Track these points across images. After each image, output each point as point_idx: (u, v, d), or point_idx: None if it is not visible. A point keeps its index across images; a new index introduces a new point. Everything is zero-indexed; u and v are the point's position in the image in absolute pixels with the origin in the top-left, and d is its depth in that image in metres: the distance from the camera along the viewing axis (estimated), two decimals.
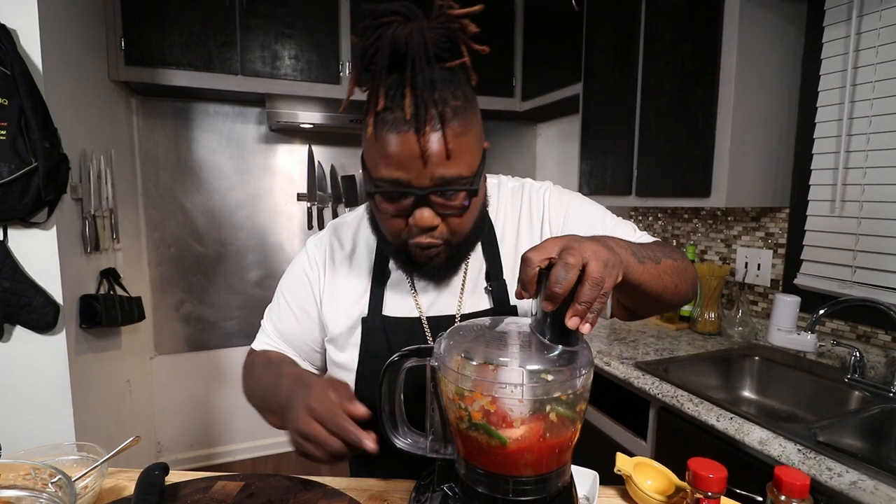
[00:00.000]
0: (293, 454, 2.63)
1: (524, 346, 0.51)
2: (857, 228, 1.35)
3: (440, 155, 0.59)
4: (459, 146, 0.61)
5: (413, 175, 0.60)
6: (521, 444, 0.48)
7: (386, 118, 0.59)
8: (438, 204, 0.63)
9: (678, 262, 0.68)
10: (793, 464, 0.93)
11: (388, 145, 0.60)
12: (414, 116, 0.58)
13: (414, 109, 0.58)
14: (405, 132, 0.58)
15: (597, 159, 2.00)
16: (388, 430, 0.58)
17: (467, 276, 0.77)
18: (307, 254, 0.82)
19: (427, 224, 0.63)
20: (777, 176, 1.53)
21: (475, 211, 0.68)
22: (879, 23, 1.29)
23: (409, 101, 0.57)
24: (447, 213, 0.64)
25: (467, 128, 0.62)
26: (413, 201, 0.62)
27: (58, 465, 0.63)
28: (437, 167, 0.60)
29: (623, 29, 1.82)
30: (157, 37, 1.99)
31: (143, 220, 2.33)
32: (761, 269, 1.64)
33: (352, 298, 0.77)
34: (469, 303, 0.76)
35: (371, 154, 0.63)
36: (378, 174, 0.62)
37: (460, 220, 0.66)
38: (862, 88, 1.34)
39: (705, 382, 1.44)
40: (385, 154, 0.60)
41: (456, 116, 0.60)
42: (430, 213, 0.63)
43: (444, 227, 0.65)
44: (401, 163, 0.60)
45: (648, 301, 0.65)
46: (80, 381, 1.55)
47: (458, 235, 0.67)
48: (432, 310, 0.76)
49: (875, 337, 1.34)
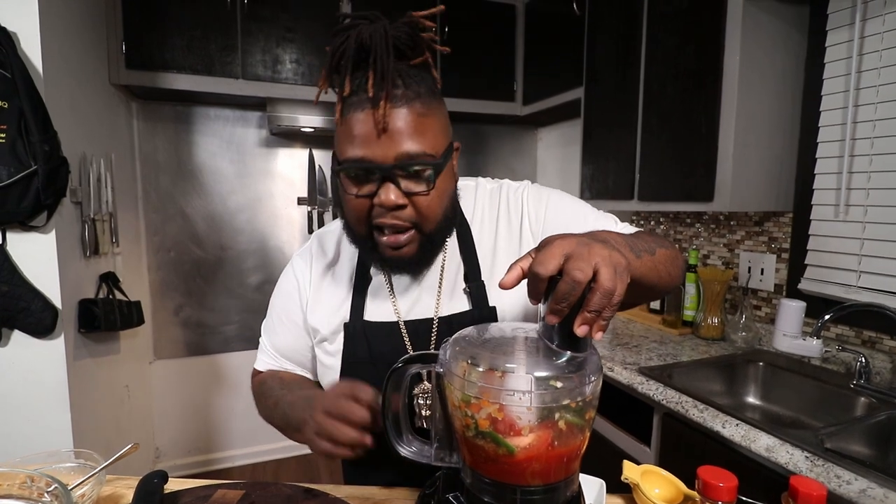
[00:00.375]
0: (292, 460, 2.62)
1: (531, 352, 0.50)
2: (861, 233, 1.35)
3: (402, 131, 0.62)
4: (421, 125, 0.63)
5: (377, 152, 0.62)
6: (529, 452, 0.47)
7: (351, 101, 0.63)
8: (403, 183, 0.64)
9: (669, 249, 0.68)
10: (801, 471, 0.92)
11: (353, 125, 0.62)
12: (375, 93, 0.61)
13: (375, 89, 0.61)
14: (367, 109, 0.62)
15: (598, 163, 2.00)
16: (392, 437, 0.56)
17: (444, 277, 0.76)
18: (292, 266, 0.83)
19: (391, 203, 0.63)
20: (780, 180, 1.52)
21: (443, 196, 0.68)
22: (883, 27, 1.29)
23: (371, 81, 0.61)
24: (413, 193, 0.64)
25: (430, 112, 0.64)
26: (377, 181, 0.63)
27: (55, 472, 0.61)
28: (399, 143, 0.62)
29: (624, 32, 1.82)
30: (158, 40, 1.99)
31: (143, 224, 2.32)
32: (765, 273, 1.63)
33: (334, 304, 0.78)
34: (447, 305, 0.76)
35: (338, 140, 0.66)
36: (344, 156, 0.64)
37: (428, 202, 0.66)
38: (866, 92, 1.33)
39: (709, 388, 1.42)
40: (350, 134, 0.63)
41: (418, 99, 0.63)
42: (395, 191, 0.63)
43: (412, 210, 0.65)
44: (364, 140, 0.62)
45: (643, 292, 0.65)
46: (79, 386, 1.53)
47: (428, 220, 0.67)
48: (411, 314, 0.76)
49: (880, 342, 1.33)
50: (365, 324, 0.75)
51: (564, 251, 0.46)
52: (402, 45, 0.64)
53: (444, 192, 0.68)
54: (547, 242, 0.48)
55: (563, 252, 0.46)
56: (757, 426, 1.04)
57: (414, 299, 0.76)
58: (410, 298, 0.77)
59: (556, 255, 0.46)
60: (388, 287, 0.77)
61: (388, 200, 0.63)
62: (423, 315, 0.76)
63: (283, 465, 2.59)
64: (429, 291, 0.76)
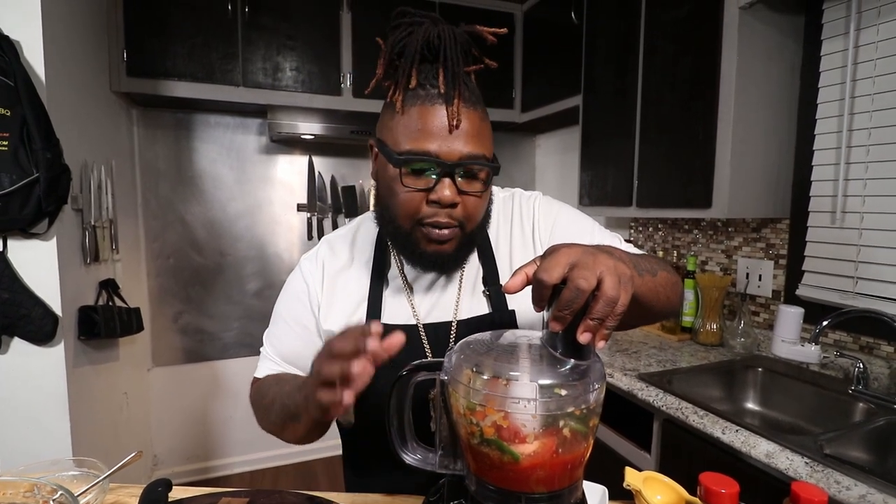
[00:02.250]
0: (291, 467, 2.60)
1: (535, 360, 0.50)
2: (858, 240, 1.36)
3: (469, 130, 0.64)
4: (483, 129, 0.67)
5: (442, 149, 0.64)
6: (533, 459, 0.48)
7: (417, 93, 0.64)
8: (460, 182, 0.65)
9: (671, 274, 0.69)
10: (801, 477, 0.92)
11: (419, 118, 0.64)
12: (447, 89, 0.63)
13: (447, 87, 0.63)
14: (437, 103, 0.63)
15: (597, 170, 2.01)
16: (397, 445, 0.57)
17: (463, 281, 0.77)
18: (301, 270, 0.81)
19: (448, 200, 0.64)
20: (777, 187, 1.54)
21: (486, 199, 0.70)
22: (877, 36, 1.31)
23: (442, 78, 0.63)
24: (466, 193, 0.66)
25: (486, 119, 0.68)
26: (437, 177, 0.64)
27: (57, 481, 0.62)
28: (464, 143, 0.64)
29: (622, 41, 1.84)
30: (159, 48, 2.00)
31: (143, 231, 2.32)
32: (762, 279, 1.64)
33: (350, 307, 0.77)
34: (466, 308, 0.76)
35: (396, 131, 0.66)
36: (405, 147, 0.65)
37: (476, 203, 0.68)
38: (861, 101, 1.35)
39: (708, 394, 1.43)
40: (414, 127, 0.64)
41: (479, 104, 0.67)
42: (452, 188, 0.65)
43: (461, 209, 0.67)
44: (431, 134, 0.63)
45: (642, 312, 0.65)
46: (78, 394, 1.53)
47: (472, 221, 0.69)
48: (429, 317, 0.76)
49: (878, 348, 1.34)
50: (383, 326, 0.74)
51: (570, 259, 0.47)
52: (465, 52, 0.67)
53: (487, 197, 0.71)
54: (553, 250, 0.48)
55: (569, 260, 0.47)
56: (756, 432, 1.04)
57: (433, 302, 0.76)
58: (429, 301, 0.76)
59: (561, 263, 0.46)
60: (406, 290, 0.77)
61: (445, 197, 0.64)
62: (442, 318, 0.76)
63: (282, 473, 2.57)
64: (448, 295, 0.76)
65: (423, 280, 0.77)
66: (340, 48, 2.26)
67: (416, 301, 0.76)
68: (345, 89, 2.28)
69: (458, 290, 0.77)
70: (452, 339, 0.74)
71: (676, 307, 0.71)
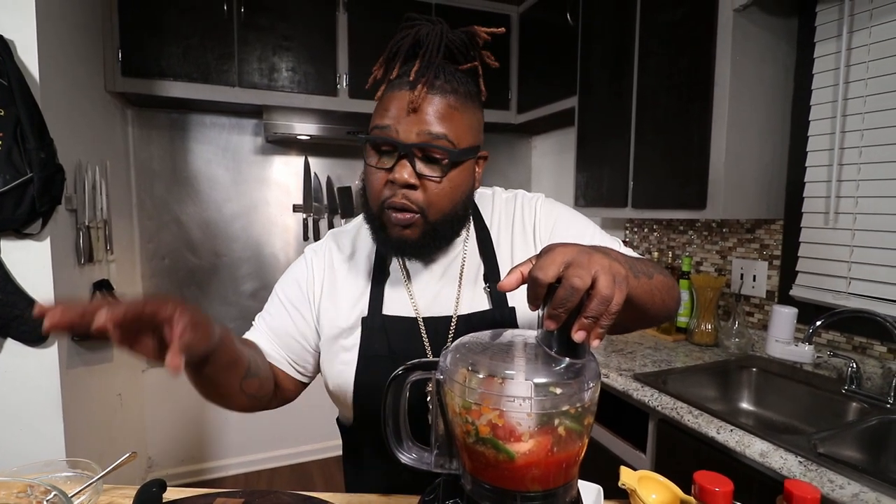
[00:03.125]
0: (286, 468, 2.60)
1: (531, 359, 0.51)
2: (851, 240, 1.37)
3: (429, 114, 0.66)
4: (449, 115, 0.67)
5: (401, 128, 0.66)
6: (528, 458, 0.48)
7: (394, 83, 0.69)
8: (419, 165, 0.67)
9: (666, 278, 0.69)
10: (794, 476, 0.93)
11: (387, 101, 0.68)
12: (416, 77, 0.67)
13: (417, 74, 0.67)
14: (404, 90, 0.67)
15: (592, 171, 2.02)
16: (393, 444, 0.57)
17: (464, 276, 0.78)
18: (305, 259, 0.83)
19: (402, 180, 0.66)
20: (771, 188, 1.55)
21: (456, 191, 0.70)
22: (869, 39, 1.32)
23: (416, 67, 0.67)
24: (426, 176, 0.67)
25: (462, 108, 0.69)
26: (396, 157, 0.67)
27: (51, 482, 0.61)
28: (423, 125, 0.66)
29: (618, 43, 1.85)
30: (154, 48, 1.99)
31: (138, 232, 2.31)
32: (757, 280, 1.65)
33: (351, 299, 0.78)
34: (466, 304, 0.77)
35: (374, 113, 0.70)
36: (372, 125, 0.69)
37: (438, 190, 0.68)
38: (853, 102, 1.36)
39: (703, 394, 1.44)
40: (382, 108, 0.68)
41: (454, 94, 0.68)
42: (408, 170, 0.66)
43: (421, 194, 0.68)
44: (393, 115, 0.67)
45: (636, 315, 0.65)
46: (72, 395, 1.52)
47: (434, 209, 0.69)
48: (429, 311, 0.76)
49: (871, 348, 1.35)
50: (384, 318, 0.75)
51: (565, 258, 0.47)
52: (454, 48, 0.70)
53: (458, 188, 0.70)
54: (548, 249, 0.49)
55: (564, 259, 0.47)
56: (751, 431, 1.05)
57: (433, 296, 0.77)
58: (429, 295, 0.77)
59: (556, 262, 0.47)
60: (406, 283, 0.78)
61: (400, 177, 0.66)
62: (442, 312, 0.76)
63: (277, 474, 2.57)
64: (448, 289, 0.77)
65: (424, 274, 0.78)
66: (337, 49, 2.26)
67: (416, 294, 0.77)
68: (341, 90, 2.28)
69: (458, 285, 0.77)
70: (452, 334, 0.74)
71: (672, 311, 0.71)
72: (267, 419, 2.52)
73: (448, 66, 0.70)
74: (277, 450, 2.62)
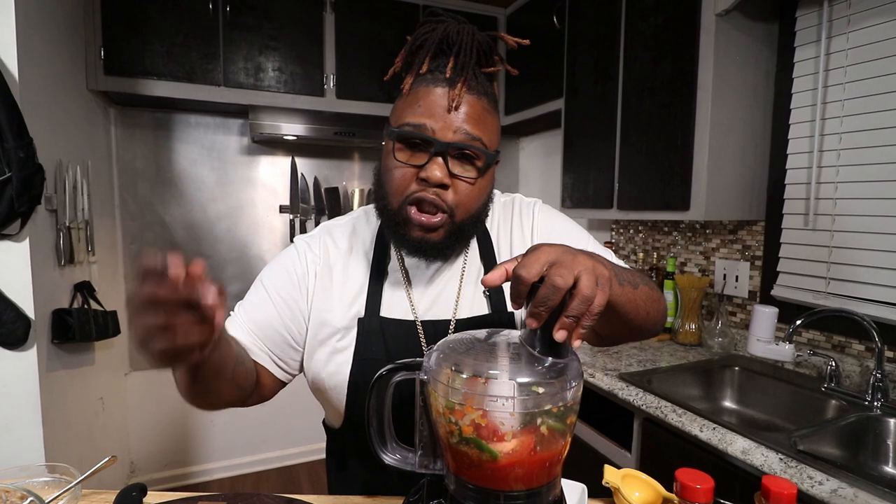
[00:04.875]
0: (272, 472, 2.57)
1: (514, 359, 0.51)
2: (830, 241, 1.40)
3: (469, 115, 0.65)
4: (485, 118, 0.67)
5: (438, 125, 0.65)
6: (512, 457, 0.48)
7: (425, 77, 0.67)
8: (453, 164, 0.66)
9: (653, 290, 0.68)
10: (775, 472, 0.94)
11: (421, 96, 0.66)
12: (453, 75, 0.65)
13: (454, 72, 0.65)
14: (441, 86, 0.65)
15: (579, 173, 2.04)
16: (377, 445, 0.57)
17: (464, 280, 0.76)
18: (297, 249, 0.77)
19: (437, 179, 0.64)
20: (753, 190, 1.58)
21: (482, 193, 0.70)
22: (847, 44, 1.35)
23: (451, 64, 0.66)
24: (458, 176, 0.66)
25: (492, 112, 0.69)
26: (430, 154, 0.65)
27: (28, 487, 0.60)
28: (463, 123, 0.65)
29: (603, 46, 1.87)
30: (138, 47, 1.97)
31: (120, 233, 2.27)
32: (739, 280, 1.68)
33: (347, 298, 0.74)
34: (466, 307, 0.75)
35: (398, 110, 0.68)
36: (403, 121, 0.66)
37: (469, 191, 0.67)
38: (832, 106, 1.39)
39: (687, 393, 1.45)
40: (416, 103, 0.66)
41: (486, 96, 0.68)
42: (443, 168, 0.65)
43: (452, 194, 0.67)
44: (429, 111, 0.65)
45: (620, 325, 0.64)
46: (51, 399, 1.49)
47: (462, 210, 0.68)
48: (429, 314, 0.75)
49: (849, 346, 1.38)
50: (381, 320, 0.73)
51: (549, 258, 0.47)
52: (481, 51, 0.69)
53: (483, 190, 0.70)
54: (533, 248, 0.49)
55: (548, 259, 0.47)
56: (733, 429, 1.06)
57: (432, 299, 0.75)
58: (429, 297, 0.75)
59: (539, 261, 0.47)
60: (405, 284, 0.76)
61: (434, 176, 0.64)
62: (441, 316, 0.75)
63: (263, 478, 2.54)
64: (448, 292, 0.76)
65: (423, 275, 0.76)
66: (324, 49, 2.25)
67: (415, 296, 0.75)
68: (328, 90, 2.27)
69: (458, 287, 0.76)
70: None
71: (657, 324, 0.71)
72: (253, 421, 2.50)
73: (477, 67, 0.69)
74: (263, 453, 2.59)
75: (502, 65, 0.73)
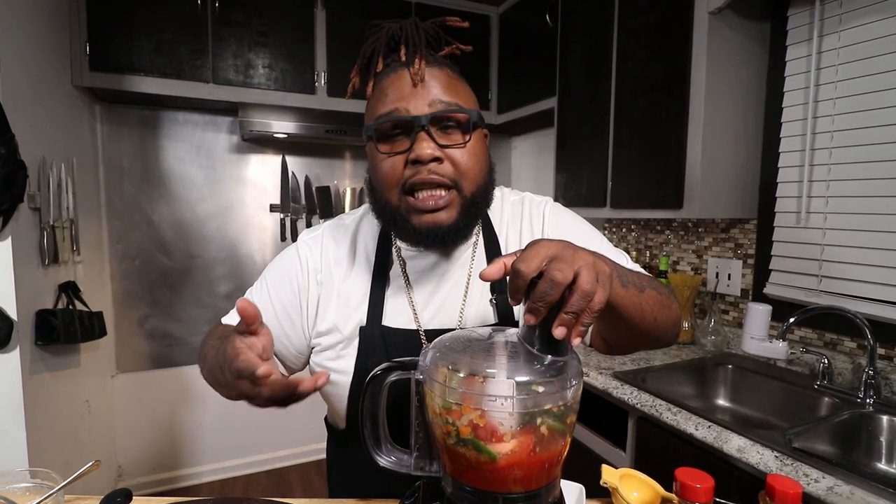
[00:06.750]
0: (263, 475, 2.54)
1: (512, 357, 0.49)
2: (822, 239, 1.40)
3: (436, 84, 0.65)
4: (455, 84, 0.67)
5: (411, 103, 0.63)
6: (510, 459, 0.47)
7: (384, 72, 0.67)
8: (438, 136, 0.64)
9: (662, 296, 0.64)
10: (771, 470, 0.94)
11: (386, 86, 0.65)
12: (409, 56, 0.65)
13: (409, 53, 0.65)
14: (401, 70, 0.65)
15: (572, 171, 2.03)
16: (371, 447, 0.55)
17: (470, 286, 0.73)
18: (298, 254, 0.75)
19: (427, 155, 0.62)
20: (745, 188, 1.58)
21: (479, 157, 0.67)
22: (839, 43, 1.35)
23: (403, 51, 0.66)
24: (448, 146, 0.64)
25: (461, 80, 0.69)
26: (412, 135, 0.63)
27: (9, 494, 0.58)
28: (434, 94, 0.64)
29: (596, 45, 1.86)
30: (124, 42, 1.93)
31: (106, 232, 2.23)
32: (732, 279, 1.68)
33: (349, 307, 0.73)
34: (471, 316, 0.72)
35: (370, 108, 0.68)
36: (375, 115, 0.66)
37: (465, 158, 0.65)
38: (824, 105, 1.40)
39: (681, 391, 1.45)
40: (383, 95, 0.65)
41: (449, 67, 0.68)
42: (430, 142, 0.63)
43: (450, 166, 0.64)
44: (398, 95, 0.64)
45: (624, 330, 0.62)
46: (35, 402, 1.45)
47: (467, 180, 0.66)
48: (433, 322, 0.72)
49: (841, 344, 1.39)
50: (384, 329, 0.70)
51: (549, 252, 0.46)
52: (430, 38, 0.69)
53: (480, 155, 0.68)
54: (534, 243, 0.47)
55: (548, 253, 0.46)
56: (728, 427, 1.06)
57: (437, 307, 0.73)
58: (433, 306, 0.73)
59: (539, 255, 0.45)
60: (408, 291, 0.73)
61: (423, 153, 0.62)
62: (446, 325, 0.72)
63: (253, 481, 2.51)
64: (452, 299, 0.73)
65: (427, 282, 0.73)
66: (315, 46, 2.22)
67: (418, 304, 0.72)
68: (319, 88, 2.24)
69: (463, 295, 0.73)
70: None
71: (667, 331, 0.66)
72: (243, 423, 2.46)
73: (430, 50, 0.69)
74: (254, 455, 2.56)
75: (455, 46, 0.72)
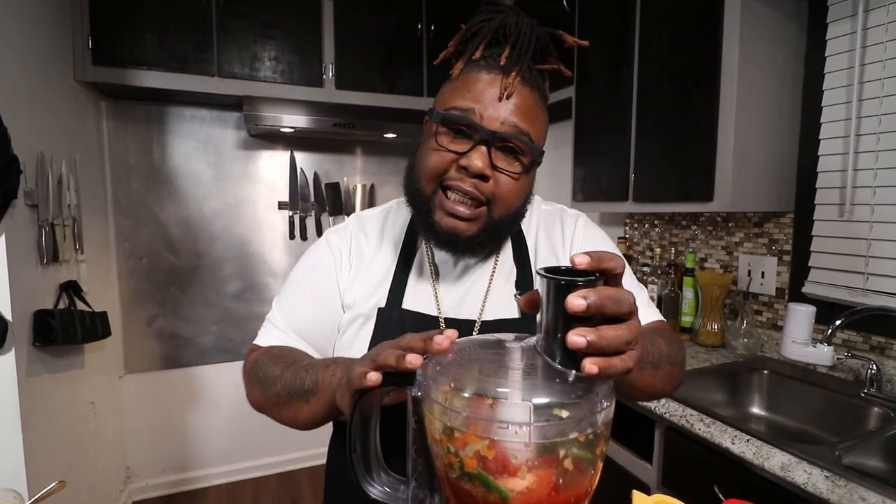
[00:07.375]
0: (273, 478, 2.49)
1: (529, 372, 0.41)
2: (868, 233, 1.28)
3: (519, 105, 0.61)
4: (536, 113, 0.63)
5: (487, 112, 0.61)
6: (526, 497, 0.38)
7: (478, 63, 0.63)
8: (496, 156, 0.61)
9: (675, 367, 0.66)
10: (820, 492, 0.83)
11: (472, 81, 0.62)
12: (507, 63, 0.61)
13: (509, 60, 0.61)
14: (494, 73, 0.61)
15: (591, 164, 1.92)
16: (360, 474, 0.47)
17: (493, 281, 0.72)
18: (328, 242, 0.76)
19: (478, 168, 0.60)
20: (781, 179, 1.46)
21: (524, 191, 0.66)
22: (887, 17, 1.23)
23: (506, 53, 0.61)
24: (501, 169, 0.62)
25: (542, 109, 0.65)
26: (474, 141, 0.61)
27: None
28: (512, 115, 0.61)
29: (616, 30, 1.75)
30: (128, 36, 1.88)
31: (113, 230, 2.19)
32: (765, 277, 1.56)
33: (370, 286, 0.72)
34: (492, 310, 0.71)
35: (445, 93, 0.65)
36: (449, 104, 0.62)
37: (510, 186, 0.63)
38: (870, 86, 1.27)
39: (712, 398, 1.34)
40: (465, 88, 0.62)
41: (538, 91, 0.64)
42: (485, 157, 0.61)
43: (492, 187, 0.62)
44: (479, 97, 0.61)
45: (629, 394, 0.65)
46: (32, 405, 1.41)
47: (501, 205, 0.64)
48: (453, 312, 0.71)
49: (890, 348, 1.26)
50: (403, 312, 0.70)
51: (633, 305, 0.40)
52: (539, 46, 0.64)
53: (525, 189, 0.66)
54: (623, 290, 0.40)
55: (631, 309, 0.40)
56: (770, 442, 0.96)
57: (459, 297, 0.72)
58: (455, 295, 0.72)
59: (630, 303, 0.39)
60: (432, 279, 0.73)
61: (475, 165, 0.60)
62: (466, 315, 0.71)
63: (263, 484, 2.45)
64: (476, 291, 0.72)
65: (452, 271, 0.73)
66: (322, 38, 2.15)
67: (441, 292, 0.72)
68: (327, 80, 2.17)
69: (487, 287, 0.72)
70: None
71: (664, 394, 0.70)
72: (253, 425, 2.41)
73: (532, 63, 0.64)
74: (263, 458, 2.51)
75: (558, 64, 0.66)
